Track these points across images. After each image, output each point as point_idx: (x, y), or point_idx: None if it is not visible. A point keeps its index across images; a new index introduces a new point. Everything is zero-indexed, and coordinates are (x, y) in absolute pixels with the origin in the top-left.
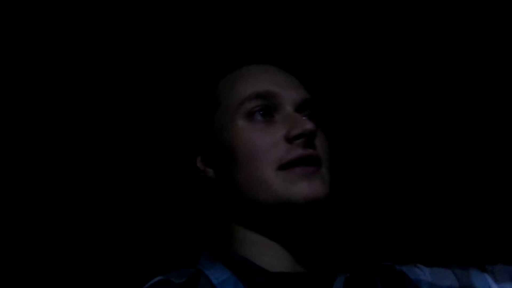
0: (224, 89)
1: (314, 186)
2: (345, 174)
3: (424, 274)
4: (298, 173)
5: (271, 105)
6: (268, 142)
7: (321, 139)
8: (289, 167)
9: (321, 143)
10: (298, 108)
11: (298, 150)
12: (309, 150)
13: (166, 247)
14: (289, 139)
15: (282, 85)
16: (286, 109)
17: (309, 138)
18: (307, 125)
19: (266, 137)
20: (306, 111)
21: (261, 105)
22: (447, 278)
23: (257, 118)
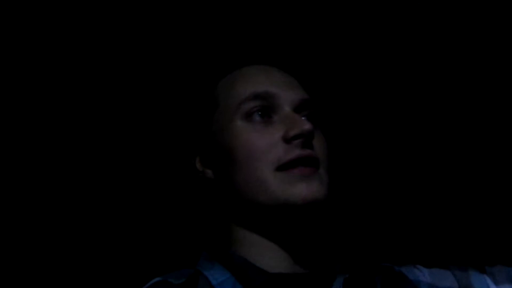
0: (223, 89)
1: (312, 188)
2: (344, 174)
3: (423, 275)
4: (297, 174)
5: (270, 105)
6: (266, 142)
7: (319, 140)
8: (287, 168)
9: (319, 144)
10: (297, 108)
11: (296, 151)
12: (307, 151)
13: (165, 248)
14: (287, 140)
15: (281, 85)
16: (285, 109)
17: (307, 138)
18: (305, 125)
19: (265, 137)
20: (305, 112)
21: (259, 105)
22: (446, 279)
23: (255, 118)
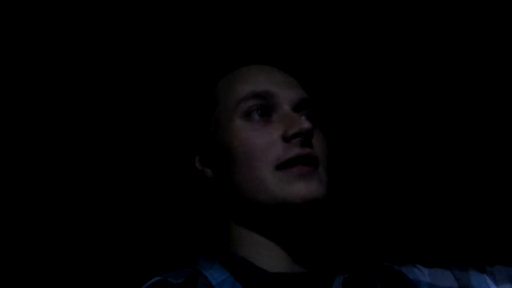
0: (222, 89)
1: (311, 187)
2: (343, 174)
3: (423, 274)
4: (295, 173)
5: (269, 104)
6: (265, 141)
7: (319, 139)
8: (286, 167)
9: (318, 143)
10: (296, 107)
11: (296, 149)
12: (306, 149)
13: (164, 247)
14: (286, 139)
15: (280, 85)
16: (284, 108)
17: (306, 137)
18: (304, 124)
19: (264, 136)
20: (304, 111)
21: (258, 104)
22: (446, 279)
23: (254, 117)
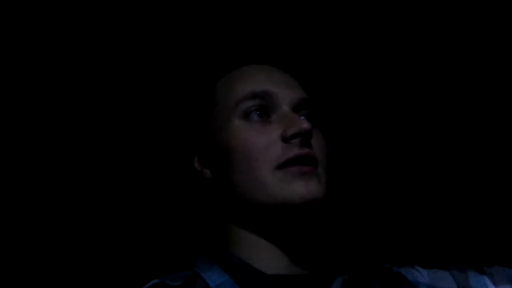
0: (221, 89)
1: (311, 187)
2: (342, 174)
3: (422, 275)
4: (295, 172)
5: (268, 104)
6: (264, 141)
7: (318, 139)
8: (285, 167)
9: (318, 143)
10: (295, 108)
11: (295, 150)
12: (305, 150)
13: (162, 250)
14: (285, 139)
15: (280, 85)
16: (283, 108)
17: (305, 137)
18: (303, 124)
19: (263, 136)
20: (304, 111)
21: (257, 104)
22: (445, 280)
23: (253, 117)
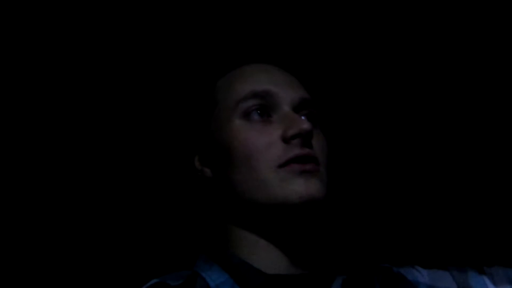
0: (222, 88)
1: (311, 186)
2: (343, 174)
3: (422, 275)
4: (297, 170)
5: (269, 104)
6: (265, 142)
7: (319, 139)
8: (287, 165)
9: (318, 143)
10: (296, 108)
11: (295, 150)
12: (306, 150)
13: (162, 249)
14: (285, 139)
15: (281, 84)
16: (284, 108)
17: (306, 138)
18: (304, 124)
19: (263, 136)
20: (304, 111)
21: (258, 104)
22: (445, 280)
23: (254, 117)
